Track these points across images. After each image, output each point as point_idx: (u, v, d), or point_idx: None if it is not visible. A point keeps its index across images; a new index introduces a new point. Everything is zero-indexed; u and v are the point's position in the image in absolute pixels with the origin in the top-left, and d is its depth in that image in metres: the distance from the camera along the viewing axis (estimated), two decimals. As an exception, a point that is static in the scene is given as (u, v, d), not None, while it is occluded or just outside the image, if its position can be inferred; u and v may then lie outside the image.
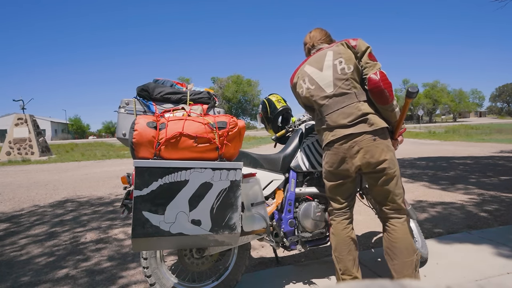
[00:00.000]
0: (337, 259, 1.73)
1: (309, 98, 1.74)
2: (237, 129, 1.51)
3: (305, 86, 1.75)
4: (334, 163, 1.68)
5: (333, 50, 1.69)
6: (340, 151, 1.64)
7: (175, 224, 1.36)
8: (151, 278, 1.72)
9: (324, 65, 1.69)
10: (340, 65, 1.65)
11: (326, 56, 1.70)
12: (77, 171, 8.90)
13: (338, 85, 1.65)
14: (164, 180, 1.35)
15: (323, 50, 1.75)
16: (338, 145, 1.64)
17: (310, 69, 1.74)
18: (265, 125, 2.37)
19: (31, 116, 14.76)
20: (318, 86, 1.70)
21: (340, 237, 1.74)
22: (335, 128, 1.65)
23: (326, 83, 1.68)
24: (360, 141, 1.59)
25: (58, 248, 2.89)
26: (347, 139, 1.61)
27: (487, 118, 69.99)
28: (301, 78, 1.77)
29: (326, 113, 1.68)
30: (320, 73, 1.70)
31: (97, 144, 24.17)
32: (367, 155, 1.59)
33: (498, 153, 9.12)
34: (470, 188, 4.72)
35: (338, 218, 1.77)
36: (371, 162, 1.59)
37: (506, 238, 2.58)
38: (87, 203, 4.67)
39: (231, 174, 1.43)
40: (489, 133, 18.71)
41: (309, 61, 1.78)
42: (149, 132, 1.38)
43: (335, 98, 1.66)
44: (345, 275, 1.70)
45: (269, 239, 1.88)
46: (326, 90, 1.68)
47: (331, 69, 1.67)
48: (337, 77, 1.65)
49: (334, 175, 1.71)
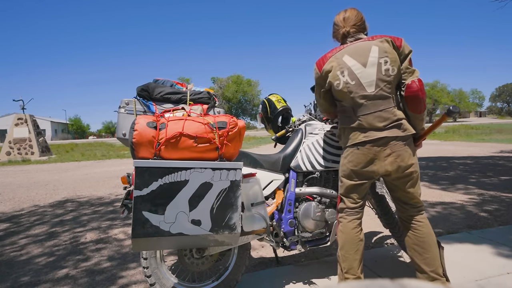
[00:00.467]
0: (343, 257, 1.71)
1: (345, 94, 1.63)
2: (237, 129, 1.51)
3: (343, 79, 1.62)
4: (360, 163, 1.63)
5: (378, 46, 1.59)
6: (371, 152, 1.60)
7: (175, 224, 1.36)
8: (151, 278, 1.72)
9: (369, 61, 1.59)
10: (385, 65, 1.58)
11: (370, 52, 1.59)
12: (77, 171, 8.90)
13: (380, 86, 1.58)
14: (164, 180, 1.35)
15: (364, 42, 1.63)
16: (370, 146, 1.59)
17: (351, 62, 1.61)
18: (265, 125, 2.37)
19: (31, 116, 14.76)
20: (359, 83, 1.59)
21: (349, 235, 1.71)
22: (369, 130, 1.59)
23: (368, 81, 1.58)
24: (393, 145, 1.59)
25: (58, 248, 2.89)
26: (380, 142, 1.58)
27: (487, 118, 69.96)
28: (339, 69, 1.63)
29: (361, 113, 1.60)
30: (363, 69, 1.59)
31: (97, 144, 24.17)
32: (398, 159, 1.59)
33: (498, 153, 9.11)
34: (470, 188, 4.72)
35: (349, 217, 1.74)
36: (401, 166, 1.60)
37: (506, 238, 2.58)
38: (87, 203, 4.67)
39: (231, 174, 1.43)
40: (489, 133, 18.69)
41: (348, 51, 1.63)
42: (149, 132, 1.38)
43: (374, 99, 1.58)
44: (348, 274, 1.69)
45: (269, 239, 1.88)
46: (367, 89, 1.59)
47: (375, 68, 1.58)
48: (381, 77, 1.58)
49: (357, 174, 1.67)
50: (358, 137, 1.62)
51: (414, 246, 1.70)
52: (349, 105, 1.64)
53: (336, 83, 1.63)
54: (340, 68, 1.62)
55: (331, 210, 2.00)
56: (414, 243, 1.70)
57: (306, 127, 2.08)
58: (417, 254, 1.69)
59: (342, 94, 1.64)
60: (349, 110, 1.65)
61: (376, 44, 1.60)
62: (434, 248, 1.68)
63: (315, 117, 2.24)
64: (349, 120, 1.66)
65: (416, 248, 1.69)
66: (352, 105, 1.63)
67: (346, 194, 1.74)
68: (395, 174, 1.63)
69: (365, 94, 1.59)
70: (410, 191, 1.68)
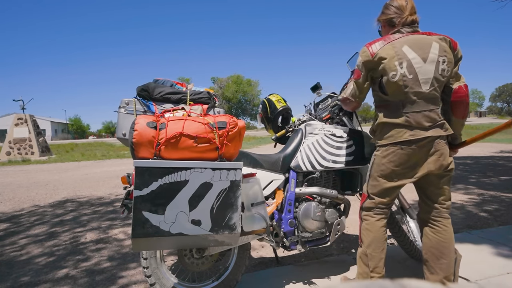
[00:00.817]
0: (370, 256, 1.67)
1: (399, 87, 1.54)
2: (237, 129, 1.50)
3: (400, 71, 1.52)
4: (402, 163, 1.58)
5: (438, 43, 1.53)
6: (415, 152, 1.55)
7: (175, 224, 1.36)
8: (151, 278, 1.72)
9: (429, 57, 1.52)
10: (442, 65, 1.52)
11: (431, 47, 1.52)
12: (77, 171, 8.90)
13: (434, 85, 1.53)
14: (164, 180, 1.35)
15: (424, 36, 1.56)
16: (415, 146, 1.54)
17: (411, 54, 1.52)
18: (265, 125, 2.37)
19: (31, 116, 14.76)
20: (416, 78, 1.52)
21: (377, 234, 1.68)
22: (415, 129, 1.54)
23: (425, 78, 1.52)
24: (437, 143, 1.57)
25: (58, 248, 2.89)
26: (425, 141, 1.55)
27: (487, 118, 69.91)
28: (397, 59, 1.52)
29: (410, 110, 1.54)
30: (423, 64, 1.52)
31: (97, 144, 24.16)
32: (441, 157, 1.58)
33: (498, 153, 9.11)
34: (470, 188, 4.72)
35: (378, 215, 1.70)
36: (443, 165, 1.59)
37: (506, 238, 2.58)
38: (87, 203, 4.67)
39: (231, 174, 1.43)
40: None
41: (408, 42, 1.54)
42: (149, 132, 1.38)
43: (426, 98, 1.54)
44: (374, 272, 1.67)
45: (269, 239, 1.88)
46: (422, 86, 1.52)
47: (434, 65, 1.52)
48: (437, 76, 1.53)
49: (397, 175, 1.61)
50: (404, 135, 1.55)
51: (432, 250, 1.66)
52: (397, 100, 1.57)
53: (392, 74, 1.53)
54: (399, 58, 1.52)
55: (331, 210, 2.00)
56: (434, 246, 1.67)
57: (306, 127, 2.08)
58: (434, 258, 1.66)
59: (395, 87, 1.55)
60: (397, 105, 1.57)
61: (437, 41, 1.54)
62: (452, 255, 1.65)
63: (315, 117, 2.24)
64: (393, 116, 1.58)
65: (434, 252, 1.66)
66: (402, 100, 1.55)
67: (379, 193, 1.68)
68: (437, 171, 1.60)
69: (419, 91, 1.52)
70: (444, 187, 1.65)
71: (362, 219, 1.75)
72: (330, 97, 2.27)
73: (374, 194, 1.70)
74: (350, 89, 1.71)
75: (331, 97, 2.26)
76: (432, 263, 1.67)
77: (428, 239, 1.70)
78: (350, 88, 1.71)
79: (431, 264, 1.67)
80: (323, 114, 2.21)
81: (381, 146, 1.64)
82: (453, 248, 1.66)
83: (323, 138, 2.02)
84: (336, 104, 2.19)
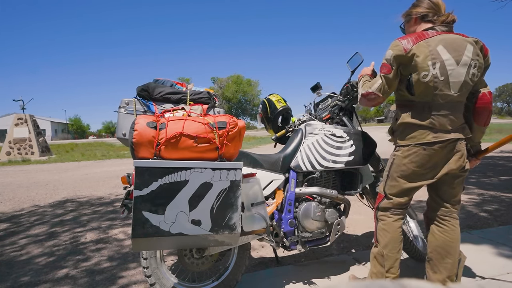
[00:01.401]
0: (386, 256, 1.66)
1: (428, 88, 1.49)
2: (237, 129, 1.50)
3: (432, 72, 1.46)
4: (424, 164, 1.56)
5: (473, 46, 1.49)
6: (437, 154, 1.54)
7: (175, 224, 1.36)
8: (151, 278, 1.72)
9: (463, 59, 1.47)
10: (473, 69, 1.49)
11: (466, 50, 1.47)
12: (77, 171, 8.90)
13: (463, 90, 1.50)
14: (164, 180, 1.35)
15: (459, 37, 1.50)
16: (438, 147, 1.53)
17: (445, 55, 1.46)
18: (265, 125, 2.37)
19: (31, 116, 14.75)
20: (447, 81, 1.47)
21: (394, 235, 1.67)
22: (439, 131, 1.52)
23: (456, 81, 1.48)
24: (458, 144, 1.57)
25: (58, 248, 2.89)
26: (447, 143, 1.54)
27: (487, 118, 69.67)
28: (431, 58, 1.46)
29: (436, 112, 1.51)
30: (456, 66, 1.46)
31: (97, 144, 24.16)
32: (462, 158, 1.58)
33: (498, 153, 9.11)
34: (470, 188, 4.72)
35: (395, 216, 1.69)
36: (461, 165, 1.59)
37: (506, 238, 2.58)
38: (87, 203, 4.67)
39: (231, 174, 1.43)
40: (489, 133, 18.64)
41: (443, 42, 1.48)
42: (149, 132, 1.38)
43: (453, 102, 1.51)
44: (389, 273, 1.66)
45: (269, 239, 1.88)
46: (451, 90, 1.48)
47: (466, 69, 1.47)
48: (467, 80, 1.49)
49: (418, 176, 1.60)
50: (427, 137, 1.53)
51: (438, 249, 1.67)
52: (424, 101, 1.53)
53: (424, 73, 1.47)
54: (433, 58, 1.46)
55: (331, 210, 2.00)
56: (440, 245, 1.67)
57: (306, 127, 2.08)
58: (439, 257, 1.66)
59: (424, 87, 1.49)
60: (423, 106, 1.53)
61: (471, 43, 1.49)
62: (457, 256, 1.66)
63: (315, 117, 2.24)
64: (418, 117, 1.54)
65: (440, 251, 1.66)
66: (428, 102, 1.52)
67: (399, 195, 1.66)
68: (455, 171, 1.59)
69: (448, 94, 1.49)
70: (457, 188, 1.65)
71: (378, 219, 1.73)
72: (330, 97, 2.27)
73: (392, 195, 1.68)
74: (378, 83, 1.60)
75: (331, 97, 2.26)
76: (436, 262, 1.67)
77: (434, 238, 1.69)
78: (378, 82, 1.60)
79: (435, 263, 1.67)
80: (323, 114, 2.22)
81: (402, 146, 1.62)
82: (458, 249, 1.66)
83: (323, 138, 2.02)
84: (336, 104, 2.19)
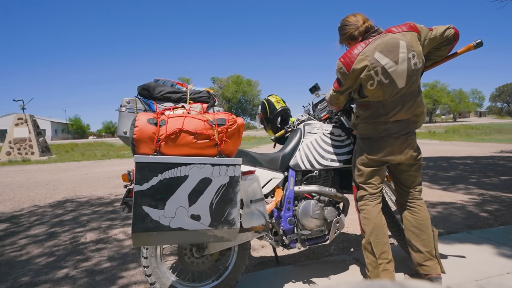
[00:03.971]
0: (374, 243, 1.75)
1: (377, 91, 1.62)
2: (236, 126, 1.51)
3: (377, 79, 1.60)
4: (379, 152, 1.74)
5: (404, 41, 1.59)
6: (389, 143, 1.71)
7: (175, 219, 1.36)
8: (151, 277, 1.72)
9: (400, 57, 1.58)
10: (413, 59, 1.60)
11: (399, 47, 1.58)
12: (77, 171, 8.91)
13: (411, 80, 1.62)
14: (164, 175, 1.36)
15: (391, 37, 1.61)
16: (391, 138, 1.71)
17: (383, 60, 1.58)
18: (265, 125, 2.37)
19: (31, 116, 14.76)
20: (392, 81, 1.60)
21: (376, 220, 1.79)
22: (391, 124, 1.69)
23: (401, 78, 1.60)
24: (409, 137, 1.74)
25: (58, 248, 2.89)
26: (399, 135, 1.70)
27: (487, 118, 69.97)
28: (372, 68, 1.59)
29: (390, 109, 1.66)
30: (396, 66, 1.59)
31: (97, 144, 24.17)
32: (412, 149, 1.77)
33: (498, 153, 9.11)
34: (471, 188, 4.72)
35: (372, 202, 1.82)
36: (413, 155, 1.78)
37: (506, 238, 2.58)
38: (87, 203, 4.67)
39: (230, 169, 1.44)
40: (489, 133, 18.67)
41: (378, 47, 1.60)
42: (149, 128, 1.39)
43: (405, 94, 1.64)
44: (381, 259, 1.73)
45: (268, 237, 1.88)
46: (398, 85, 1.61)
47: (406, 64, 1.59)
48: (411, 72, 1.61)
49: (376, 162, 1.78)
50: (382, 132, 1.71)
51: (412, 229, 1.83)
52: (377, 100, 1.68)
53: (370, 83, 1.62)
54: (374, 67, 1.59)
55: (330, 208, 2.00)
56: (413, 225, 1.83)
57: (305, 126, 2.08)
58: (415, 236, 1.81)
59: (374, 92, 1.65)
60: (377, 104, 1.69)
61: (401, 38, 1.61)
62: (430, 231, 1.82)
63: (313, 117, 2.24)
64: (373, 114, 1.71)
65: (414, 230, 1.82)
66: (381, 101, 1.67)
67: (366, 181, 1.83)
68: (408, 161, 1.78)
69: (397, 90, 1.63)
70: (415, 174, 1.84)
71: (359, 210, 1.87)
72: (329, 97, 2.27)
73: (361, 183, 1.86)
74: (330, 94, 1.87)
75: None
76: (414, 242, 1.82)
77: (407, 220, 1.86)
78: (330, 93, 1.87)
79: (413, 243, 1.82)
80: (322, 114, 2.23)
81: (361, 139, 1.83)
82: (430, 225, 1.83)
83: (321, 137, 2.03)
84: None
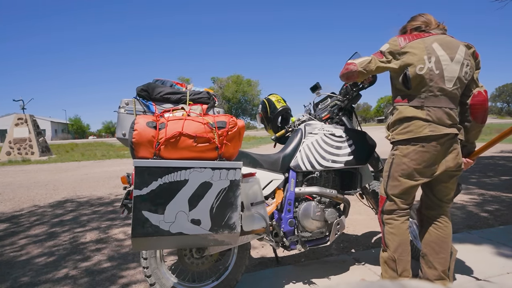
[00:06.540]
0: (398, 260, 1.65)
1: (424, 80, 1.56)
2: (236, 129, 1.50)
3: (428, 65, 1.56)
4: (424, 161, 1.58)
5: (465, 48, 1.61)
6: (435, 151, 1.57)
7: (174, 223, 1.36)
8: (151, 278, 1.72)
9: (456, 57, 1.58)
10: (466, 67, 1.59)
11: (459, 49, 1.59)
12: (77, 171, 8.90)
13: (457, 85, 1.59)
14: (163, 179, 1.35)
15: (452, 39, 1.62)
16: (436, 143, 1.56)
17: (440, 51, 1.57)
18: (265, 125, 2.37)
19: (31, 116, 14.75)
20: (441, 75, 1.56)
21: (403, 237, 1.67)
22: (435, 124, 1.55)
23: (450, 76, 1.57)
24: (455, 141, 1.61)
25: (58, 248, 2.89)
26: (445, 138, 1.57)
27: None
28: (426, 53, 1.56)
29: (432, 105, 1.56)
30: (450, 63, 1.57)
31: (97, 144, 24.16)
32: (458, 156, 1.62)
33: (499, 153, 9.11)
34: (471, 188, 4.72)
35: (402, 218, 1.69)
36: (458, 162, 1.63)
37: (506, 238, 2.58)
38: (87, 203, 4.67)
39: (230, 173, 1.43)
40: (489, 133, 18.62)
41: (438, 40, 1.60)
42: (148, 131, 1.38)
43: (449, 96, 1.58)
44: (403, 276, 1.66)
45: (269, 238, 1.88)
46: (446, 84, 1.57)
47: (459, 66, 1.58)
48: (461, 77, 1.59)
49: (418, 173, 1.61)
50: (424, 131, 1.55)
51: (432, 244, 1.72)
52: (420, 94, 1.59)
53: (420, 66, 1.56)
54: (428, 53, 1.57)
55: (330, 209, 2.00)
56: (434, 241, 1.72)
57: (305, 126, 2.08)
58: (433, 252, 1.71)
59: (420, 80, 1.57)
60: (419, 99, 1.58)
61: (463, 45, 1.62)
62: (449, 250, 1.71)
63: (314, 117, 2.23)
64: (415, 110, 1.59)
65: (434, 247, 1.71)
66: (425, 95, 1.58)
67: (401, 194, 1.67)
68: (452, 169, 1.62)
69: (443, 87, 1.56)
70: (451, 186, 1.70)
71: (385, 223, 1.72)
72: (330, 97, 2.27)
73: (394, 195, 1.68)
74: (365, 59, 1.64)
75: (331, 97, 2.26)
76: (430, 258, 1.71)
77: (429, 234, 1.74)
78: (367, 60, 1.64)
79: (430, 259, 1.71)
80: (323, 114, 2.22)
81: (400, 144, 1.64)
82: (450, 244, 1.72)
83: (322, 138, 2.02)
84: (336, 104, 2.19)
